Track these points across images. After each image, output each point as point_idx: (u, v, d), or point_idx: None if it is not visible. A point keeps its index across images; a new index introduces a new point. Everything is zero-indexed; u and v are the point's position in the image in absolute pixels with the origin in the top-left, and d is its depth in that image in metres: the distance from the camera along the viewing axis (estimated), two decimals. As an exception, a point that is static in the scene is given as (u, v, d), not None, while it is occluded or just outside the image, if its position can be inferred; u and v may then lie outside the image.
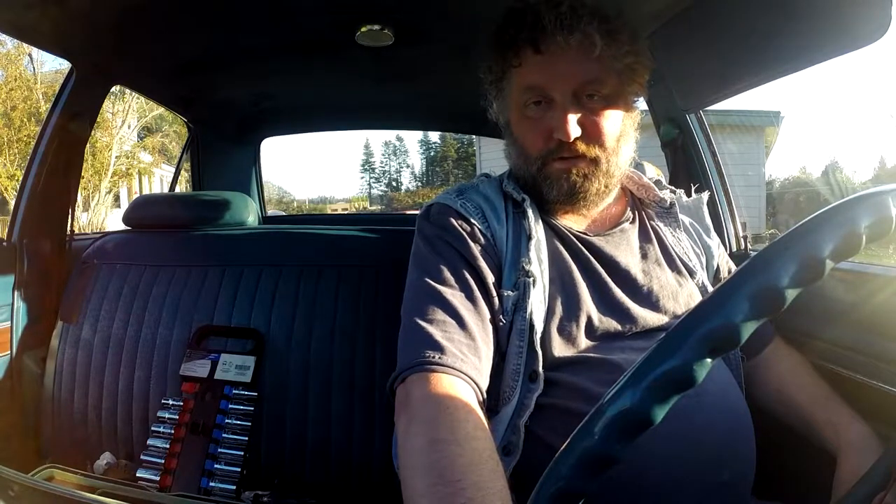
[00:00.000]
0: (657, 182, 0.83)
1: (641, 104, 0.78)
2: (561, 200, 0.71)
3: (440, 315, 0.61)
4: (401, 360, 0.59)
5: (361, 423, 0.99)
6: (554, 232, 0.73)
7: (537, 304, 0.65)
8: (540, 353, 0.64)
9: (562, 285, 0.69)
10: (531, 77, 0.69)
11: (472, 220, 0.69)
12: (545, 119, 0.69)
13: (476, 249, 0.67)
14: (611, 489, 0.31)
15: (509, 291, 0.66)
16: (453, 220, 0.69)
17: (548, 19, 0.66)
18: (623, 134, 0.71)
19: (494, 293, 0.66)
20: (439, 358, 0.56)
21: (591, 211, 0.75)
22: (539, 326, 0.65)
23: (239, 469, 0.94)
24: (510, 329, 0.66)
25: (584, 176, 0.69)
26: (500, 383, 0.65)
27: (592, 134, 0.68)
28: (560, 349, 0.65)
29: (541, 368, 0.64)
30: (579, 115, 0.68)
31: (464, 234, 0.68)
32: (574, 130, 0.67)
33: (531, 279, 0.66)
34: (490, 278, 0.66)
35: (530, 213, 0.71)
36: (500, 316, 0.65)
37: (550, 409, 0.63)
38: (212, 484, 0.93)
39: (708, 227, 0.83)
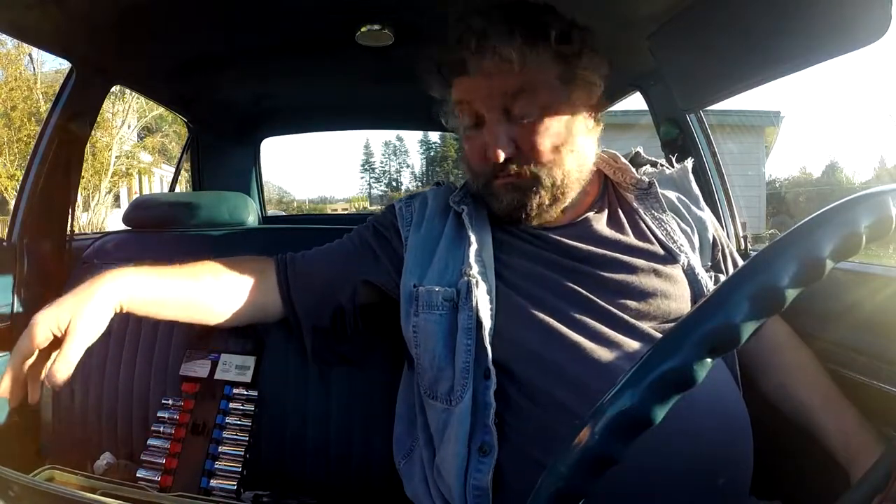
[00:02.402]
0: (636, 156, 0.82)
1: (639, 102, 0.77)
2: (505, 215, 0.72)
3: (318, 249, 0.82)
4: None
5: (361, 423, 0.99)
6: (509, 232, 0.73)
7: (483, 302, 0.66)
8: (490, 350, 0.65)
9: (516, 283, 0.69)
10: (461, 95, 0.70)
11: (397, 222, 0.80)
12: (480, 138, 0.69)
13: (384, 240, 0.79)
14: (604, 493, 0.31)
15: (436, 287, 0.70)
16: (386, 216, 0.82)
17: (462, 44, 0.67)
18: (566, 143, 0.68)
19: (390, 260, 0.77)
20: (288, 259, 0.80)
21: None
22: (488, 324, 0.66)
23: (239, 469, 0.94)
24: (453, 327, 0.68)
25: (522, 192, 0.69)
26: (451, 378, 0.67)
27: (527, 151, 0.67)
28: (516, 346, 0.65)
29: (491, 365, 0.64)
30: (513, 131, 0.67)
31: (386, 226, 0.80)
32: (503, 151, 0.66)
33: (474, 280, 0.67)
34: (393, 254, 0.78)
35: (468, 222, 0.74)
36: (418, 307, 0.71)
37: (517, 407, 0.64)
38: (212, 484, 0.93)
39: (697, 198, 0.81)
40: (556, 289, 0.67)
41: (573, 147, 0.69)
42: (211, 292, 0.73)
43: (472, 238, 0.72)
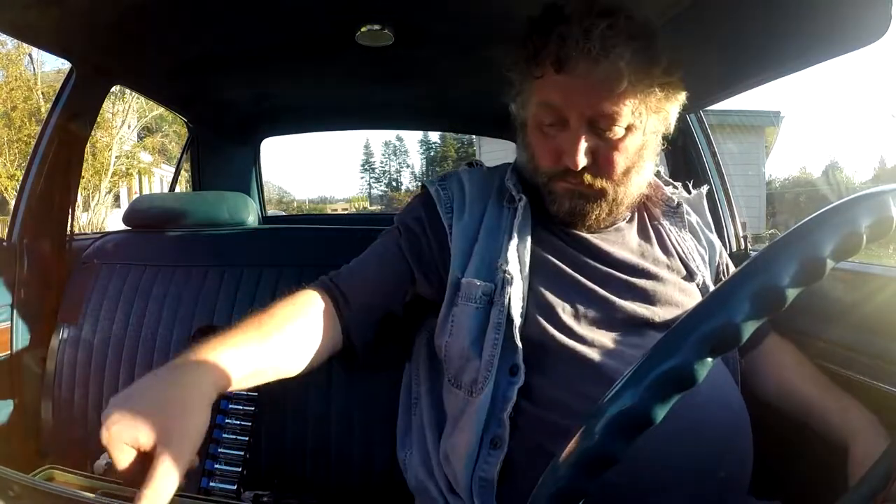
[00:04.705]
0: (657, 175, 0.83)
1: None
2: (561, 218, 0.71)
3: (365, 273, 0.74)
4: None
5: (361, 423, 0.99)
6: (547, 229, 0.73)
7: (516, 300, 0.66)
8: (521, 346, 0.65)
9: (549, 282, 0.69)
10: (548, 95, 0.67)
11: (437, 207, 0.74)
12: (557, 139, 0.67)
13: (424, 235, 0.74)
14: (604, 489, 0.31)
15: (477, 280, 0.69)
16: (418, 206, 0.77)
17: (575, 43, 0.62)
18: (635, 165, 0.68)
19: (424, 275, 0.73)
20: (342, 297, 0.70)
21: None
22: (518, 321, 0.65)
23: (239, 469, 0.94)
24: (486, 321, 0.67)
25: (586, 199, 0.69)
26: (476, 369, 0.66)
27: (602, 165, 0.67)
28: (544, 344, 0.65)
29: (521, 362, 0.64)
30: (593, 143, 0.66)
31: (420, 219, 0.75)
32: (582, 160, 0.65)
33: (509, 277, 0.67)
34: (427, 263, 0.73)
35: (520, 212, 0.72)
36: (458, 298, 0.69)
37: (535, 403, 0.64)
38: (212, 484, 0.93)
39: (709, 223, 0.84)
40: (587, 291, 0.68)
41: (641, 169, 0.70)
42: (285, 354, 0.65)
43: (515, 231, 0.70)
